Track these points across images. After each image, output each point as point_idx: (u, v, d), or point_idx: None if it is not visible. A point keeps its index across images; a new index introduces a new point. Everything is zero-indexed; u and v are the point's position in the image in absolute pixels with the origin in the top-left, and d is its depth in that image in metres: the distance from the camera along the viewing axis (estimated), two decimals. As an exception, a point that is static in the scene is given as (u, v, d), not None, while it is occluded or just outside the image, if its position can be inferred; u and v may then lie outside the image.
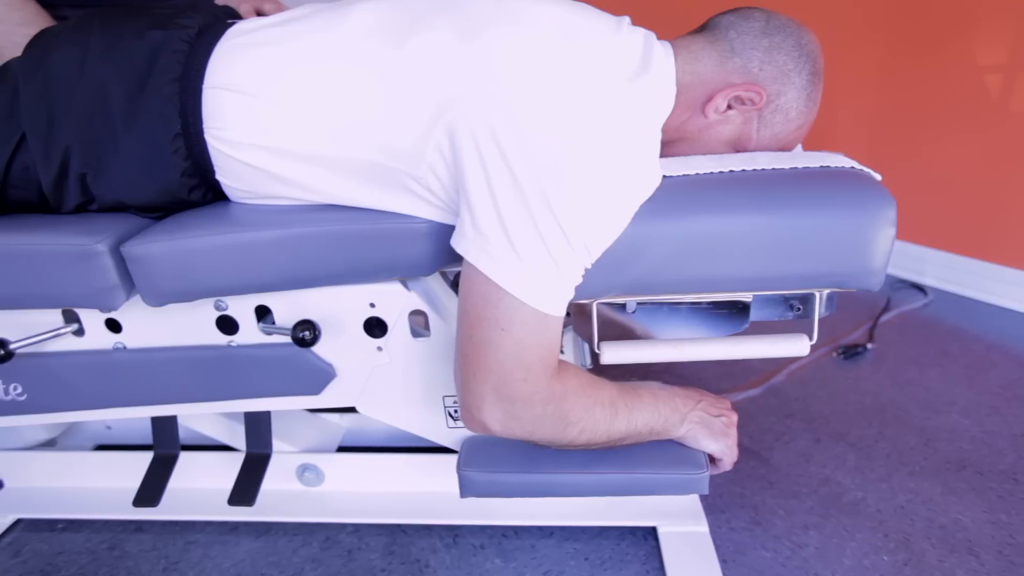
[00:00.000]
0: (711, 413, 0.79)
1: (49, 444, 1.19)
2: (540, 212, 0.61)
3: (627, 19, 0.76)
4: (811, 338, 0.74)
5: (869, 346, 1.50)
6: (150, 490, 0.90)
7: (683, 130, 0.77)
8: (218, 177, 0.75)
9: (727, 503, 1.05)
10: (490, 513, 1.03)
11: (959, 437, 1.19)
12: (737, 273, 0.70)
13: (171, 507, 1.06)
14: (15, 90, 0.72)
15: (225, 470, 1.07)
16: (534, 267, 0.62)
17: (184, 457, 1.11)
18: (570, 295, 0.65)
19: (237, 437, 1.10)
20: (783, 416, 1.28)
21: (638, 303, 0.81)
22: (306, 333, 0.74)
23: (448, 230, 0.72)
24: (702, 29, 0.79)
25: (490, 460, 0.79)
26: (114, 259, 0.72)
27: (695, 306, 0.83)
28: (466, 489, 0.78)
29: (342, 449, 1.16)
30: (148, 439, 1.24)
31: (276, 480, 1.09)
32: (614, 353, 0.75)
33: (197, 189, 0.76)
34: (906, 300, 1.75)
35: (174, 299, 0.74)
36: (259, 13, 0.90)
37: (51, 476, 1.14)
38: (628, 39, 0.72)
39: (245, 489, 0.89)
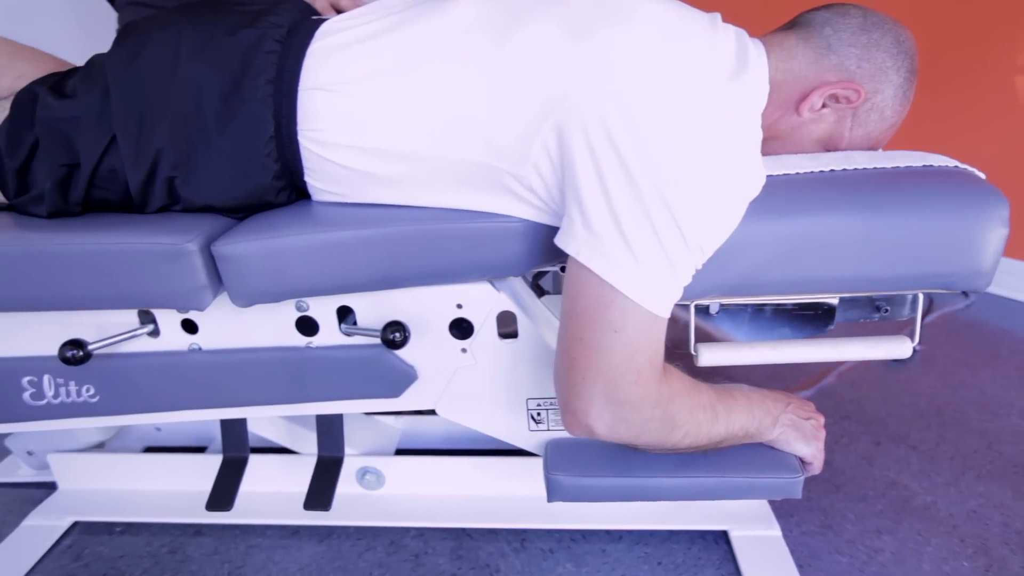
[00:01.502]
0: (800, 416, 0.78)
1: (98, 446, 1.18)
2: (657, 211, 0.59)
3: (719, 16, 0.75)
4: (913, 339, 0.73)
5: (917, 348, 1.49)
6: (222, 494, 0.89)
7: (775, 129, 0.76)
8: (308, 179, 0.74)
9: (794, 506, 1.04)
10: (556, 517, 1.02)
11: (1022, 440, 1.17)
12: (842, 273, 0.68)
13: (231, 511, 1.05)
14: (106, 91, 0.71)
15: (284, 473, 1.06)
16: (649, 268, 0.60)
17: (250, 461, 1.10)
18: (679, 296, 0.64)
19: (297, 440, 1.09)
20: (839, 418, 1.27)
21: (721, 305, 0.80)
22: (396, 335, 0.72)
23: (543, 230, 0.71)
24: (792, 26, 0.77)
25: (579, 464, 0.77)
26: (203, 258, 0.70)
27: (779, 307, 0.82)
28: (555, 493, 0.76)
29: (399, 452, 1.15)
30: (198, 441, 1.24)
31: (337, 483, 1.08)
32: (712, 355, 0.74)
33: (284, 191, 0.75)
34: (947, 302, 1.73)
35: (263, 299, 0.73)
36: (336, 10, 0.89)
37: (105, 478, 1.13)
38: (724, 38, 0.71)
39: (320, 493, 0.88)
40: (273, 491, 1.05)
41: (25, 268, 0.71)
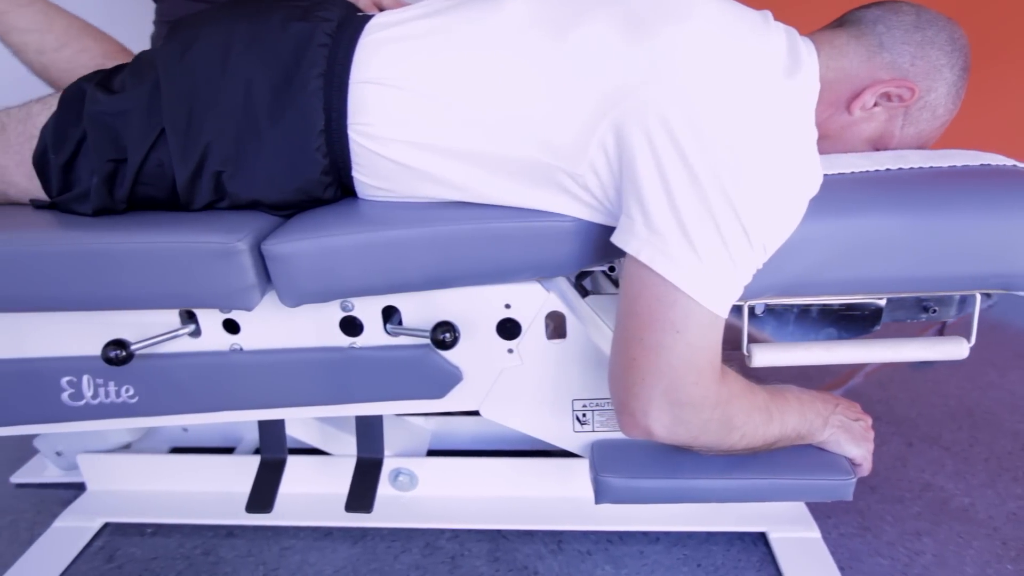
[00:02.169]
0: (850, 417, 0.77)
1: (124, 447, 1.17)
2: (721, 210, 0.58)
3: (770, 14, 0.74)
4: (969, 340, 0.72)
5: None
6: (262, 496, 0.88)
7: (824, 128, 0.75)
8: (356, 174, 0.73)
9: (831, 508, 1.03)
10: (593, 518, 1.01)
11: (1056, 442, 1.17)
12: (899, 274, 0.68)
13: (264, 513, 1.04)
14: (156, 84, 0.70)
15: (317, 474, 1.05)
16: (712, 267, 0.60)
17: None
18: (738, 296, 0.63)
19: (330, 441, 1.08)
20: (869, 419, 1.26)
21: (766, 306, 0.79)
22: (446, 335, 0.71)
23: (596, 229, 0.70)
24: (842, 23, 0.76)
25: (628, 466, 0.76)
26: (253, 257, 0.69)
27: (825, 308, 0.81)
28: (604, 495, 0.76)
29: (429, 453, 1.15)
30: (225, 442, 1.23)
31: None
32: (765, 356, 0.73)
33: (331, 187, 0.74)
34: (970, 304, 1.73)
35: (313, 299, 0.72)
36: (378, 8, 0.88)
37: (135, 479, 1.12)
38: (776, 36, 0.70)
39: (362, 494, 0.87)
40: (305, 492, 1.04)
41: (71, 267, 0.70)
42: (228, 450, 1.20)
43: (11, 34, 0.88)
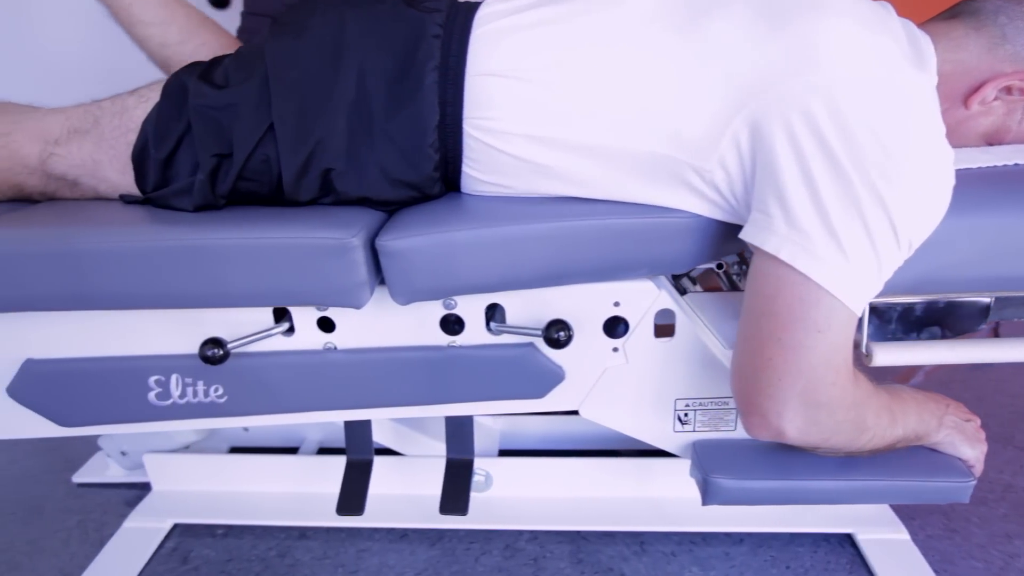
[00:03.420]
0: (961, 417, 0.76)
1: (184, 447, 1.15)
2: (869, 206, 0.57)
3: (889, 5, 0.73)
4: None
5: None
6: (353, 498, 0.87)
7: None
8: (467, 169, 0.71)
9: (914, 509, 1.02)
10: (674, 519, 1.00)
11: None
12: (1029, 272, 0.66)
13: (335, 514, 1.02)
14: (264, 78, 0.68)
15: (390, 475, 1.03)
16: (859, 266, 0.58)
17: (340, 462, 1.07)
18: (876, 294, 0.62)
19: (404, 441, 1.06)
20: (937, 419, 1.24)
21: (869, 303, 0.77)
22: (560, 333, 0.70)
23: (713, 225, 0.69)
24: (957, 15, 0.75)
25: (738, 466, 0.75)
26: (365, 254, 0.68)
27: (930, 305, 0.80)
28: (713, 496, 0.74)
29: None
30: (286, 442, 1.21)
31: (440, 485, 1.05)
32: (887, 355, 0.71)
33: (439, 182, 0.72)
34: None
35: (426, 296, 0.70)
36: None
37: (201, 479, 1.10)
38: (897, 28, 0.69)
39: (455, 496, 0.85)
40: (379, 493, 1.02)
41: (176, 264, 0.68)
42: (290, 450, 1.19)
43: (136, 27, 0.87)
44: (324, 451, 1.19)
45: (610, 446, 1.16)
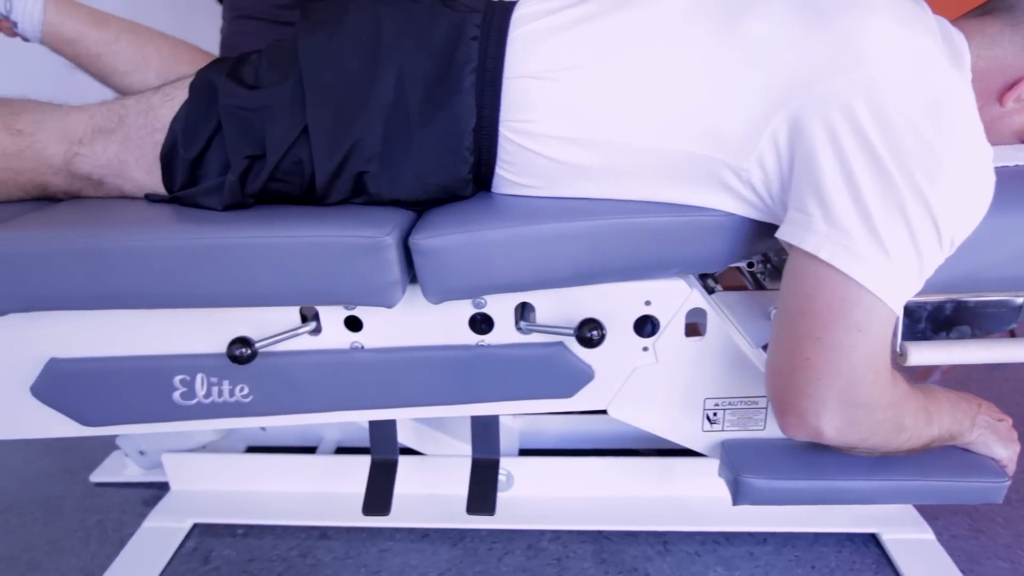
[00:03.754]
0: (994, 417, 0.76)
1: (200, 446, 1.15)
2: (914, 207, 0.56)
3: (924, 2, 0.72)
4: None
5: (1016, 346, 1.46)
6: (378, 498, 0.86)
7: None
8: (501, 171, 0.70)
9: (937, 509, 1.01)
10: (696, 519, 1.00)
11: None
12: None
13: (356, 514, 1.01)
14: (299, 79, 0.67)
15: (410, 475, 1.03)
16: (900, 265, 0.57)
17: (362, 461, 1.07)
18: (915, 293, 0.61)
19: (424, 440, 1.06)
20: (956, 418, 1.24)
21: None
22: (594, 332, 0.69)
23: (747, 224, 0.68)
24: (990, 11, 0.74)
25: (769, 466, 0.74)
26: (398, 252, 0.67)
27: (960, 305, 0.79)
28: (744, 496, 0.74)
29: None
30: (304, 441, 1.21)
31: (461, 484, 1.04)
32: (921, 354, 0.71)
33: (471, 184, 0.72)
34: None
35: (459, 295, 0.70)
36: None
37: (219, 479, 1.10)
38: (933, 24, 0.68)
39: (482, 496, 0.85)
40: (400, 493, 1.02)
41: (206, 263, 0.68)
42: (307, 449, 1.18)
43: (112, 78, 0.85)
44: (341, 450, 1.19)
45: (628, 445, 1.15)
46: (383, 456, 0.91)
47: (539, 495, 1.04)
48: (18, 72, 0.91)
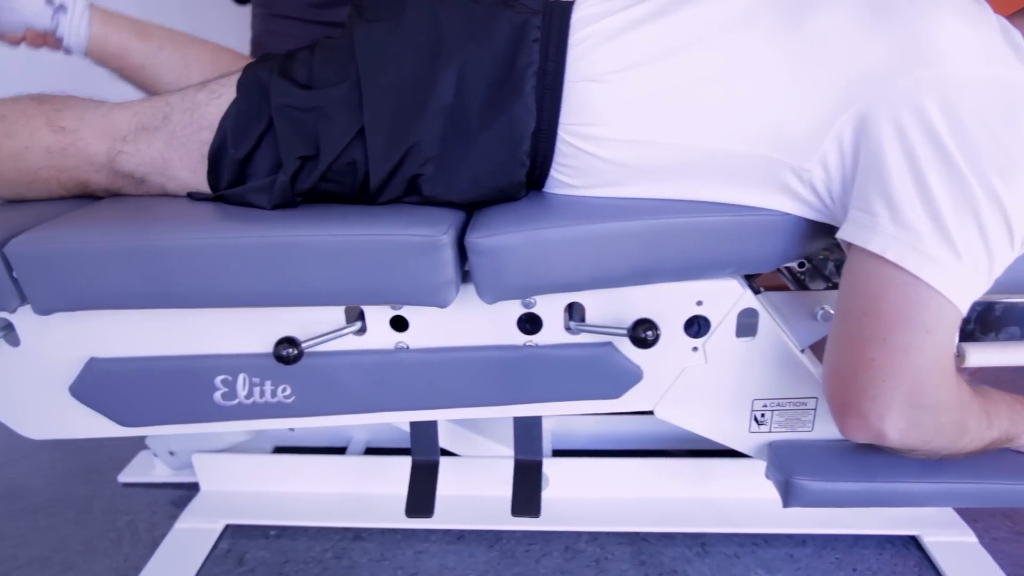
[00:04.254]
0: (1047, 419, 0.75)
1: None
2: (988, 208, 0.55)
3: None
4: None
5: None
6: (422, 500, 0.85)
7: None
8: (556, 173, 0.70)
9: (976, 512, 1.01)
10: (734, 520, 0.99)
11: None
12: None
13: (390, 515, 1.01)
14: (356, 79, 0.66)
15: (443, 475, 1.02)
16: (970, 266, 0.57)
17: (394, 462, 1.06)
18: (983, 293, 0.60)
19: (457, 441, 1.05)
20: (987, 419, 1.23)
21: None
22: (648, 333, 0.68)
23: (803, 224, 0.67)
24: None
25: (821, 468, 0.74)
26: (453, 252, 0.66)
27: (1012, 305, 0.79)
28: (796, 498, 0.73)
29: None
30: (333, 442, 1.20)
31: (496, 486, 1.04)
32: (980, 356, 0.70)
33: (524, 186, 0.71)
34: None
35: (514, 295, 0.69)
36: None
37: (250, 479, 1.09)
38: (995, 22, 0.67)
39: (527, 498, 0.84)
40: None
41: (259, 261, 0.67)
42: (335, 450, 1.18)
43: (155, 87, 0.85)
44: (370, 451, 1.18)
45: (660, 446, 1.15)
46: (424, 457, 0.90)
47: (574, 496, 1.03)
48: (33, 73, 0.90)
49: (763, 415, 0.79)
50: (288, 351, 0.73)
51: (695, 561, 0.95)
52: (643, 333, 0.68)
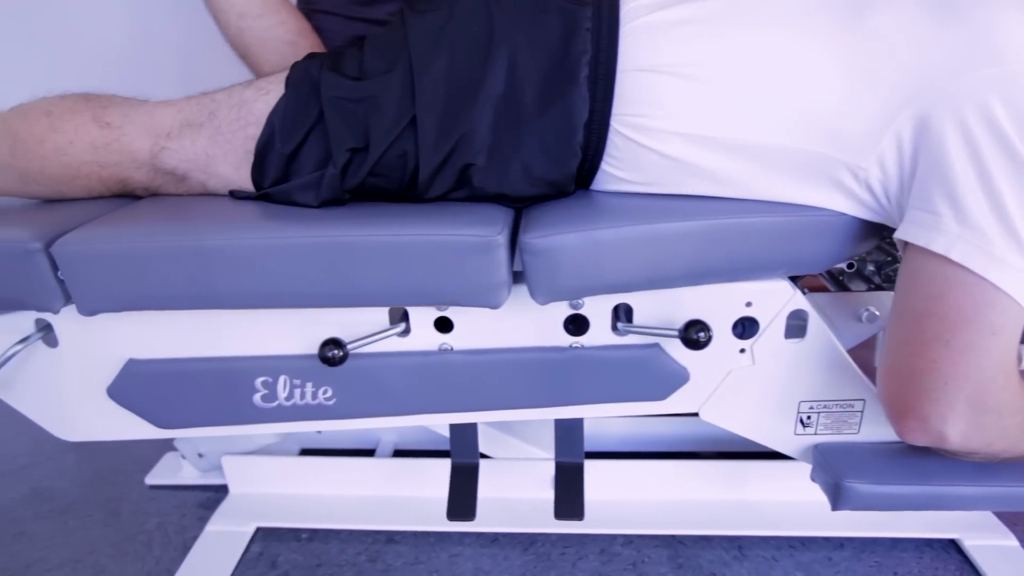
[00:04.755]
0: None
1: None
2: (1055, 208, 0.55)
3: None
4: None
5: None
6: (463, 503, 0.85)
7: None
8: (606, 167, 0.69)
9: (1016, 515, 1.00)
10: (771, 523, 0.98)
11: None
12: None
13: (422, 518, 1.00)
14: (408, 68, 0.66)
15: (480, 479, 1.01)
16: (1037, 268, 0.56)
17: (426, 464, 1.06)
18: (1042, 294, 0.60)
19: (492, 444, 1.04)
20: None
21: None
22: (700, 334, 0.68)
23: (856, 224, 0.67)
24: None
25: (871, 471, 0.73)
26: (507, 252, 0.66)
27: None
28: (846, 501, 0.72)
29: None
30: (360, 444, 1.19)
31: (530, 488, 1.04)
32: (1036, 358, 0.70)
33: (575, 180, 0.70)
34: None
35: (568, 296, 0.68)
36: None
37: (280, 481, 1.08)
38: None
39: (570, 500, 0.83)
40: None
41: (309, 262, 0.66)
42: (363, 452, 1.17)
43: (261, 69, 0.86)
44: (398, 453, 1.17)
45: (691, 448, 1.14)
46: (464, 460, 0.89)
47: (609, 498, 1.02)
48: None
49: (809, 417, 0.79)
50: (334, 352, 0.72)
51: (733, 564, 0.94)
52: (695, 334, 0.67)
